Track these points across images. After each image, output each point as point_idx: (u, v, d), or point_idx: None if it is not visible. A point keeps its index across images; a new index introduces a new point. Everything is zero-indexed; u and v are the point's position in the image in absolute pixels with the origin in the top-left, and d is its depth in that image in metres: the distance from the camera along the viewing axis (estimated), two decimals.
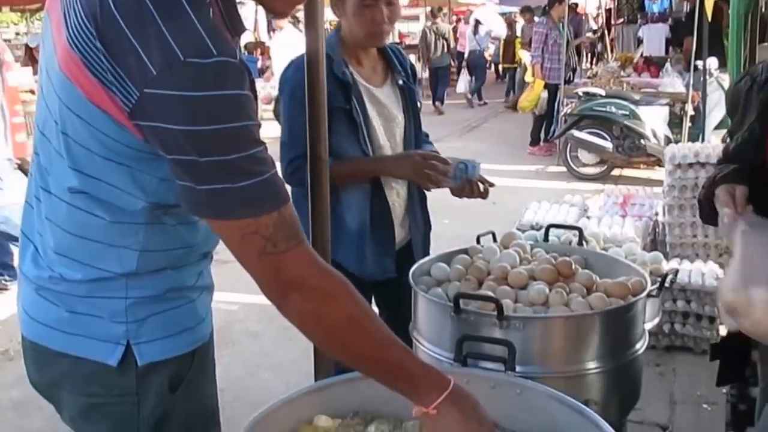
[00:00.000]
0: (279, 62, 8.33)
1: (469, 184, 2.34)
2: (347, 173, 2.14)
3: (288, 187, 1.26)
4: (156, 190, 1.22)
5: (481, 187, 2.38)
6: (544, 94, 9.51)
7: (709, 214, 1.96)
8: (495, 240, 2.34)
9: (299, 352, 3.83)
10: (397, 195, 2.44)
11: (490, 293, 1.93)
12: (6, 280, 4.81)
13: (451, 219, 5.91)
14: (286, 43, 8.11)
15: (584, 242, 2.44)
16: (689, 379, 3.52)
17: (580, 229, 2.45)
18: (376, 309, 2.63)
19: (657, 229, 4.57)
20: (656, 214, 4.57)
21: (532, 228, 3.59)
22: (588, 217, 4.30)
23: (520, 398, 1.39)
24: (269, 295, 1.17)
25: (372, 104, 2.33)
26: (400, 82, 2.42)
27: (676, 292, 3.78)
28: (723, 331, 2.32)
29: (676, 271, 2.68)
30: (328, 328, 1.19)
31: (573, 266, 2.05)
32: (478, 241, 2.32)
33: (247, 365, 3.83)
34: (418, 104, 2.50)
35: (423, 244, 2.57)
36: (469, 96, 15.11)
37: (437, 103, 14.27)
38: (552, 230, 2.52)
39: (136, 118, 1.10)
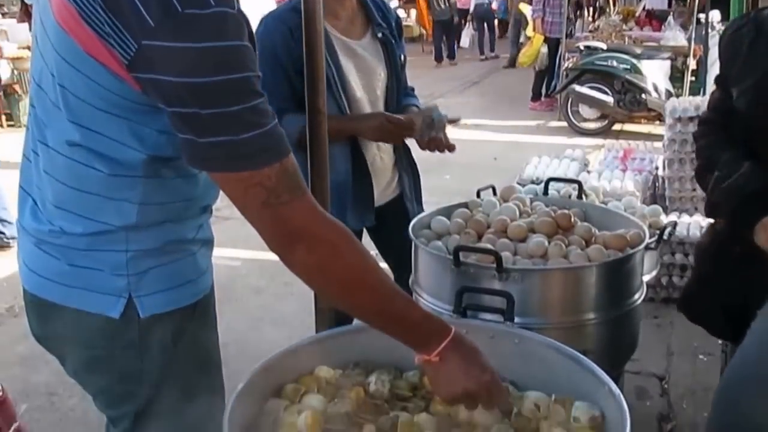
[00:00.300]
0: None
1: (434, 140, 2.33)
2: None
3: None
4: (155, 142, 1.22)
5: (446, 138, 2.36)
6: (544, 49, 9.41)
7: (720, 215, 1.88)
8: (495, 194, 2.35)
9: (301, 306, 3.86)
10: (377, 148, 2.42)
11: (489, 246, 1.95)
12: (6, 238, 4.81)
13: (452, 174, 5.92)
14: (256, 2, 7.96)
15: (584, 196, 2.45)
16: (686, 330, 3.53)
17: (579, 183, 2.45)
18: (385, 266, 2.66)
19: (657, 184, 4.57)
20: (656, 168, 4.56)
21: (533, 182, 3.59)
22: (588, 172, 4.29)
23: (518, 348, 1.41)
24: (274, 247, 1.17)
25: (348, 58, 2.29)
26: (380, 35, 2.36)
27: (675, 245, 3.80)
28: None
29: (675, 224, 2.69)
30: (333, 279, 1.20)
31: (572, 219, 2.06)
32: (478, 195, 2.32)
33: (250, 320, 3.87)
34: (401, 58, 2.45)
35: (415, 194, 2.58)
36: (492, 53, 15.17)
37: (448, 58, 14.27)
38: (552, 184, 2.52)
39: (134, 70, 1.09)
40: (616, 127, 8.19)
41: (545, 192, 2.47)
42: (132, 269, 1.30)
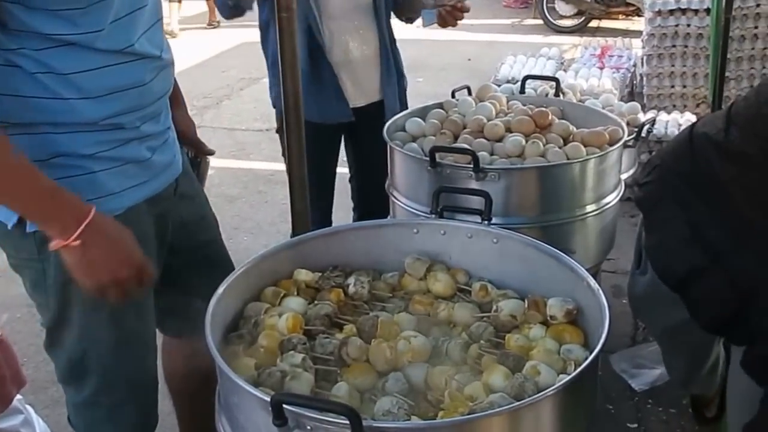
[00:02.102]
0: None
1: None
2: None
3: None
4: None
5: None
6: None
7: None
8: (470, 94, 2.31)
9: (276, 214, 3.85)
10: (353, 38, 2.33)
11: (465, 146, 1.92)
12: None
13: (425, 77, 5.81)
14: None
15: (561, 94, 2.42)
16: None
17: (557, 80, 2.41)
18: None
19: (635, 81, 4.54)
20: (634, 65, 4.52)
21: (509, 82, 3.53)
22: (565, 70, 4.24)
23: (496, 247, 1.40)
24: None
25: None
26: None
27: (653, 143, 3.79)
28: None
29: (653, 121, 2.68)
30: None
31: (549, 117, 2.04)
32: (453, 96, 2.28)
33: (226, 229, 3.79)
34: None
35: (399, 99, 2.48)
36: None
37: None
38: (528, 82, 2.48)
39: None
40: (593, 24, 8.07)
41: (522, 91, 2.43)
42: None
